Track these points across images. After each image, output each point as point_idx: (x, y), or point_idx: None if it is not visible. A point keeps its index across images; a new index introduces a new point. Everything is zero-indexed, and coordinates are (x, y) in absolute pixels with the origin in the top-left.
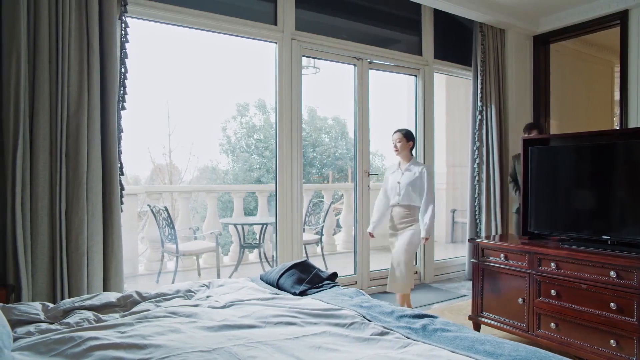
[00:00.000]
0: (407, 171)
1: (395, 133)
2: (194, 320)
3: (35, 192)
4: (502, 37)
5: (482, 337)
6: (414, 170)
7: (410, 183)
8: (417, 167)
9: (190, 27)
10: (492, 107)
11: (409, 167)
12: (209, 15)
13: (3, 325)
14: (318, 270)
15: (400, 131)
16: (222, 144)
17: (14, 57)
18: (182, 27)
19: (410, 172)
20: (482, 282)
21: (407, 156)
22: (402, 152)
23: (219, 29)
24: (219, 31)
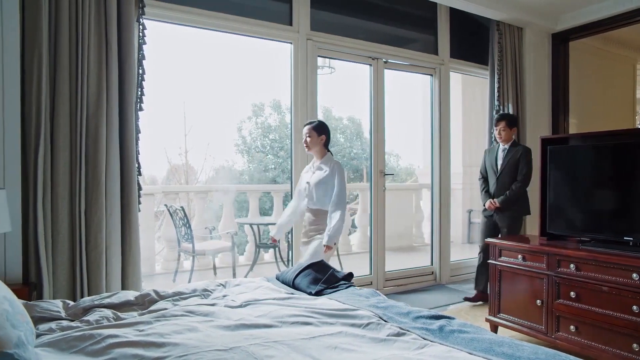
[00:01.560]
0: (318, 170)
1: (305, 126)
2: (211, 319)
3: (56, 192)
4: (519, 35)
5: (500, 339)
6: (325, 169)
7: (319, 183)
8: (327, 165)
9: (206, 29)
10: (509, 107)
11: (319, 166)
12: (225, 16)
13: (27, 322)
14: (334, 271)
15: (310, 124)
16: (238, 144)
17: (36, 59)
18: (199, 29)
19: (320, 172)
20: (499, 283)
21: (319, 152)
22: (313, 147)
23: (235, 30)
24: (234, 32)
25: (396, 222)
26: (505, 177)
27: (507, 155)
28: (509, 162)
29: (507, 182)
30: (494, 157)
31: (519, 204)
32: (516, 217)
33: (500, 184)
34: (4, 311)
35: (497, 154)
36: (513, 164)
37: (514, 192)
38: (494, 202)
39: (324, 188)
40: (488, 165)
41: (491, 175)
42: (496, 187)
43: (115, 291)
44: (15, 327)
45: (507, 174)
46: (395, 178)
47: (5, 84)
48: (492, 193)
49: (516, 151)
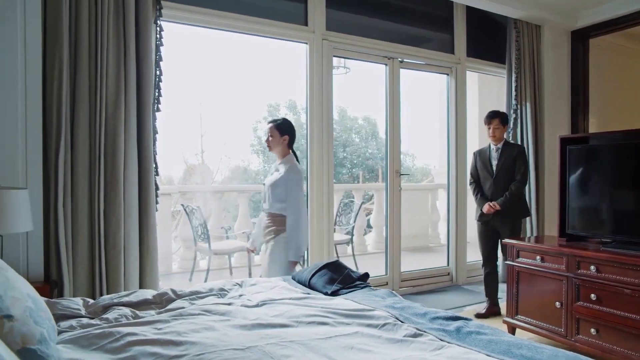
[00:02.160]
0: (276, 171)
1: (268, 124)
2: (228, 318)
3: (76, 192)
4: (537, 33)
5: (519, 341)
6: (280, 171)
7: (273, 185)
8: (284, 167)
9: (222, 30)
10: (527, 106)
11: (277, 167)
12: (241, 17)
13: (49, 319)
14: (350, 271)
15: (274, 122)
16: (253, 144)
17: (57, 63)
18: (215, 30)
19: (277, 173)
20: (517, 284)
21: (281, 153)
22: (274, 148)
23: (250, 31)
24: (250, 33)
25: (412, 223)
26: (502, 178)
27: (502, 154)
28: (505, 161)
29: (504, 183)
30: (486, 158)
31: (519, 206)
32: (517, 219)
33: (497, 186)
34: (27, 308)
35: (491, 154)
36: (510, 164)
37: (514, 193)
38: (494, 205)
39: (277, 191)
40: (481, 167)
41: (486, 178)
42: (493, 189)
43: (134, 290)
44: (38, 324)
45: (504, 174)
46: (410, 178)
47: (27, 88)
48: (489, 196)
49: (511, 150)
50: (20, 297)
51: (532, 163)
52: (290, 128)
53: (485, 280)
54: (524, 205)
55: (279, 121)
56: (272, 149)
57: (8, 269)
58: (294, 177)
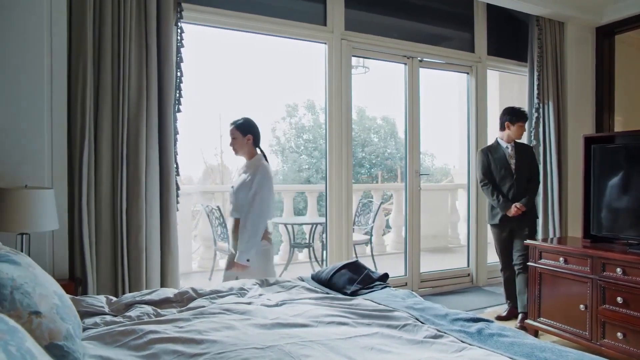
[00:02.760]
0: (243, 173)
1: (230, 127)
2: (248, 317)
3: (99, 192)
4: (561, 30)
5: (543, 344)
6: (249, 172)
7: (242, 188)
8: (252, 168)
9: (241, 31)
10: (550, 104)
11: (245, 168)
12: (260, 18)
13: (74, 316)
14: (369, 271)
15: (234, 123)
16: (272, 144)
17: (81, 64)
18: (234, 31)
19: (245, 175)
20: (540, 286)
21: (248, 154)
22: (240, 150)
23: (269, 31)
24: (269, 33)
25: (431, 223)
26: (521, 178)
27: (517, 153)
28: (524, 161)
29: (524, 183)
30: (503, 157)
31: (534, 207)
32: (532, 220)
33: (518, 186)
34: (54, 305)
35: (507, 153)
36: (527, 163)
37: (535, 193)
38: (521, 207)
39: (246, 193)
40: (497, 167)
41: (505, 178)
42: (515, 190)
43: (155, 288)
44: (64, 321)
45: (524, 174)
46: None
47: (53, 90)
48: (511, 197)
49: (526, 149)
50: (47, 294)
51: (555, 163)
52: (252, 127)
53: (505, 284)
54: (536, 207)
55: (240, 121)
56: (238, 151)
57: (35, 266)
58: (264, 180)
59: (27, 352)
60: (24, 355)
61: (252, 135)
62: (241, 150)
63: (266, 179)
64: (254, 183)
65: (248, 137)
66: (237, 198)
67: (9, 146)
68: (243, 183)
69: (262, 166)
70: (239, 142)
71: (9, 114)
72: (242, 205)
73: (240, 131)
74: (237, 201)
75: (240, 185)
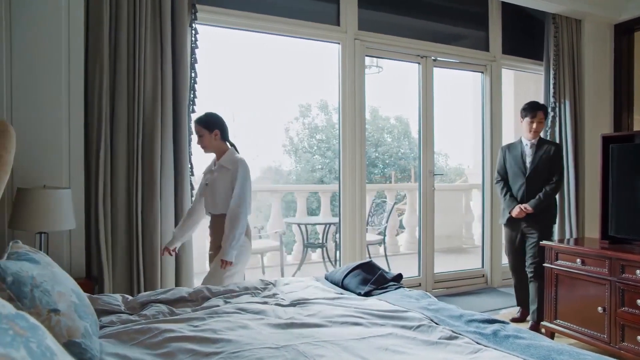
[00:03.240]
0: (221, 169)
1: (194, 124)
2: (262, 317)
3: (115, 192)
4: (578, 27)
5: (560, 347)
6: (228, 168)
7: (222, 185)
8: (231, 164)
9: (255, 31)
10: (567, 103)
11: (221, 165)
12: (273, 18)
13: (92, 314)
14: (383, 271)
15: (198, 120)
16: (285, 144)
17: (98, 66)
18: (247, 32)
19: (223, 171)
20: (556, 288)
21: (219, 149)
22: (209, 146)
23: (283, 32)
24: (283, 34)
25: (445, 223)
26: (536, 178)
27: (537, 152)
28: (542, 160)
29: (538, 184)
30: (518, 155)
31: (549, 210)
32: (546, 226)
33: (530, 186)
34: (72, 303)
35: (523, 151)
36: (545, 163)
37: (549, 195)
38: (526, 208)
39: (227, 189)
40: (511, 165)
41: (517, 177)
42: (525, 190)
43: (170, 287)
44: (82, 318)
45: (539, 174)
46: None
47: (71, 92)
48: (519, 197)
49: (548, 148)
50: (65, 292)
51: (572, 162)
52: (217, 120)
53: (514, 288)
54: (554, 211)
55: (203, 117)
56: (207, 148)
57: (54, 265)
58: (246, 174)
59: (47, 349)
60: (44, 352)
61: (218, 130)
62: (210, 146)
63: (248, 174)
64: (238, 178)
65: (215, 133)
66: (216, 194)
67: (28, 147)
68: (222, 178)
69: (242, 161)
70: (206, 139)
71: (28, 116)
72: (223, 200)
73: (206, 127)
74: (215, 197)
75: (219, 180)
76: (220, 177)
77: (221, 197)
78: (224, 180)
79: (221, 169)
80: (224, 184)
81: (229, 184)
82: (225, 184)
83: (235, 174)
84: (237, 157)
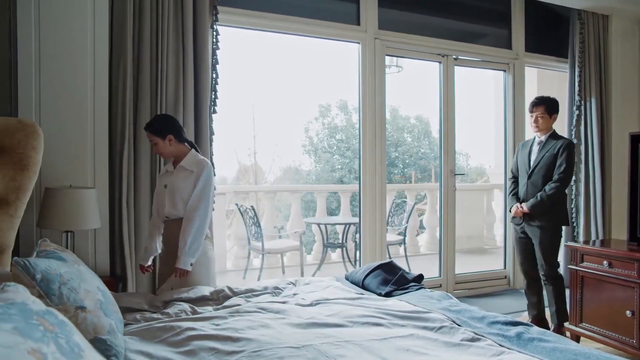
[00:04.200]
0: (183, 171)
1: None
2: (283, 316)
3: (139, 192)
4: (605, 23)
5: (586, 351)
6: (192, 169)
7: (182, 186)
8: (194, 165)
9: (274, 32)
10: (592, 101)
11: (183, 167)
12: (293, 19)
13: (116, 312)
14: (404, 272)
15: (148, 128)
16: (305, 144)
17: (122, 68)
18: (268, 32)
19: (186, 173)
20: (581, 290)
21: (179, 151)
22: (167, 153)
23: (303, 32)
24: (303, 34)
25: (466, 224)
26: (538, 176)
27: (542, 149)
28: (545, 157)
29: (540, 183)
30: (526, 153)
31: (555, 212)
32: (549, 228)
33: (531, 185)
34: (98, 301)
35: (531, 148)
36: (549, 161)
37: (548, 195)
38: (521, 208)
39: (188, 192)
40: (520, 163)
41: (522, 175)
42: (526, 189)
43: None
44: (108, 316)
45: (541, 172)
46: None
47: (95, 94)
48: (521, 196)
49: (554, 145)
50: (92, 289)
51: (598, 162)
52: (167, 124)
53: (525, 291)
54: (561, 212)
55: (153, 124)
56: (165, 155)
57: (80, 263)
58: (210, 178)
59: (75, 345)
60: (72, 348)
61: (171, 134)
62: (167, 152)
63: (211, 178)
64: (200, 181)
65: (169, 138)
66: (176, 197)
67: (55, 148)
68: (184, 180)
69: (206, 162)
70: (160, 146)
71: (55, 117)
72: (184, 204)
73: (157, 134)
74: (176, 200)
75: (180, 183)
76: (182, 179)
77: (183, 200)
78: (186, 182)
79: (183, 170)
80: (186, 186)
81: (192, 186)
82: (187, 186)
83: (198, 176)
84: (201, 159)
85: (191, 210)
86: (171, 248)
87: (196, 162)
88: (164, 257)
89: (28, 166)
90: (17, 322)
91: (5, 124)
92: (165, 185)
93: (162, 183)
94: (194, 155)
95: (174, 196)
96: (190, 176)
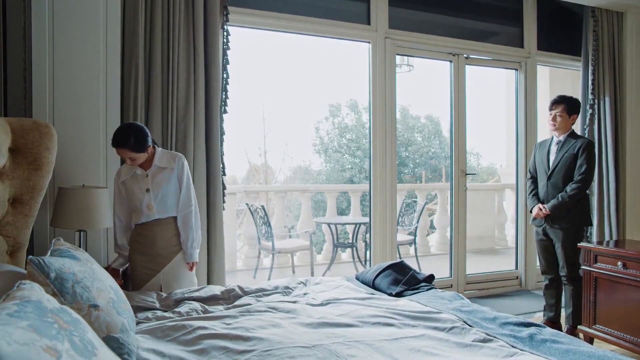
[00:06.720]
0: (161, 170)
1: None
2: (293, 316)
3: None
4: (619, 20)
5: (600, 353)
6: (171, 167)
7: (166, 185)
8: (171, 162)
9: (285, 32)
10: (606, 100)
11: (159, 166)
12: (303, 19)
13: (129, 310)
14: (414, 272)
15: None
16: (315, 144)
17: (133, 69)
18: (278, 32)
19: (166, 171)
20: (595, 291)
21: (151, 156)
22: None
23: (313, 32)
24: (313, 34)
25: (477, 224)
26: (558, 177)
27: (561, 149)
28: (564, 157)
29: (560, 184)
30: (545, 153)
31: (577, 212)
32: (572, 229)
33: (551, 186)
34: (110, 299)
35: (550, 148)
36: (569, 161)
37: (570, 196)
38: (543, 209)
39: (174, 190)
40: (538, 163)
41: (541, 175)
42: (546, 190)
43: (202, 285)
44: (120, 314)
45: (561, 172)
46: (475, 178)
47: (107, 94)
48: (541, 197)
49: (574, 144)
50: (104, 288)
51: (612, 161)
52: (141, 136)
53: (544, 292)
54: (584, 212)
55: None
56: (142, 163)
57: (93, 262)
58: (188, 170)
59: (89, 343)
60: (85, 346)
61: (149, 146)
62: (145, 160)
63: (187, 166)
64: (184, 175)
65: (148, 148)
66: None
67: (68, 148)
68: (167, 179)
69: (178, 154)
70: (141, 158)
71: (68, 118)
72: (175, 202)
73: (136, 150)
74: (167, 201)
75: (164, 182)
76: (165, 180)
77: (172, 199)
78: (170, 181)
79: (161, 170)
80: (172, 184)
81: (177, 182)
82: (173, 184)
83: (181, 172)
84: (172, 153)
85: (186, 206)
86: (160, 246)
87: (169, 157)
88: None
89: (42, 166)
90: (33, 319)
91: (19, 125)
92: (148, 189)
93: (140, 187)
94: (163, 152)
95: (163, 198)
96: (171, 173)
